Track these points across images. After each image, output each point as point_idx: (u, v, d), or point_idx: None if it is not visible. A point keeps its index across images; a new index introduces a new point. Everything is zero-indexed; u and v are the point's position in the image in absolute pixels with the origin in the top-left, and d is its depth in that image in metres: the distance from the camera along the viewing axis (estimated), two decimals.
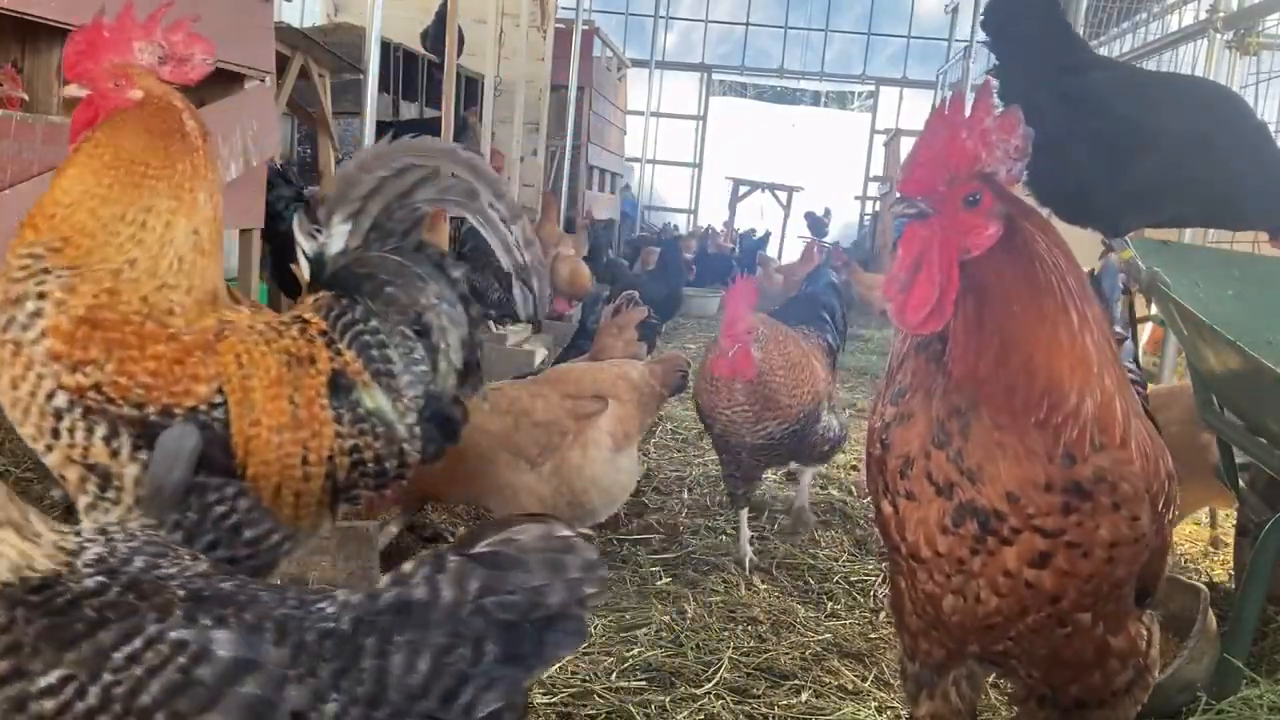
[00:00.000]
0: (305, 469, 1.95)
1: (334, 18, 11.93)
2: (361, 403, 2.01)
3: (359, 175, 2.09)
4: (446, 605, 1.25)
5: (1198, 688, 2.52)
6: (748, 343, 3.41)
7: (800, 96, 26.40)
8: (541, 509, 3.23)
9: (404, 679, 1.22)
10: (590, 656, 2.73)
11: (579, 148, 14.14)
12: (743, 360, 3.41)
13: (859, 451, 5.31)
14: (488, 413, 3.24)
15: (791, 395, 3.52)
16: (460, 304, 2.17)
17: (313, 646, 1.23)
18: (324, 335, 2.04)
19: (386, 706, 1.22)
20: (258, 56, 5.37)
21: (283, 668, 1.20)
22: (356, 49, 7.47)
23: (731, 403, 3.48)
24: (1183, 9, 9.68)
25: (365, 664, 1.22)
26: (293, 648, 1.23)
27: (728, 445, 3.63)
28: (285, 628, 1.25)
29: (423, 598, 1.26)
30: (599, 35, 15.23)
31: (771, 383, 3.48)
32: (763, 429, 3.51)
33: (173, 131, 1.97)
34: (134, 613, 1.22)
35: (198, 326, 1.94)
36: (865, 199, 22.24)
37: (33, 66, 4.19)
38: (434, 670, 1.23)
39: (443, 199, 2.14)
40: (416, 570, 1.30)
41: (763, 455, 3.64)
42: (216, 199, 2.04)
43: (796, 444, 3.65)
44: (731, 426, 3.53)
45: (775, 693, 2.62)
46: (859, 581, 3.45)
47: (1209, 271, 3.58)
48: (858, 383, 7.69)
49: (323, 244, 2.12)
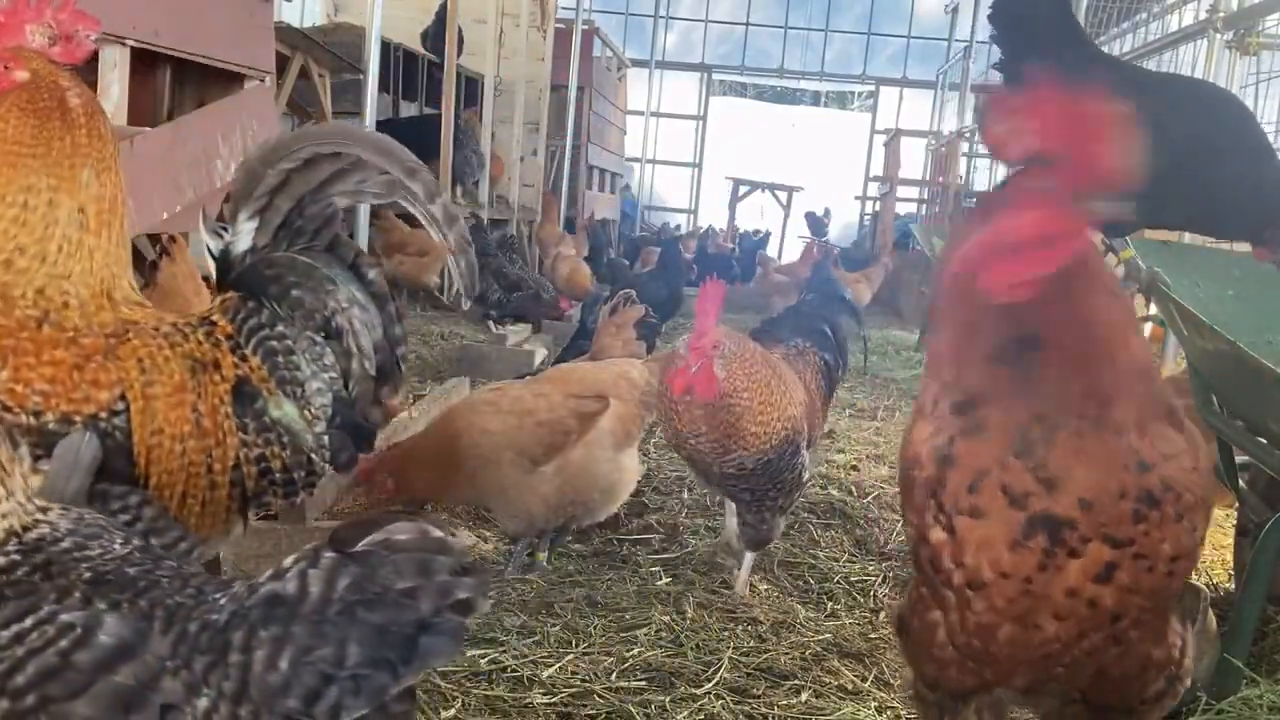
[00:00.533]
0: (210, 478, 1.89)
1: (334, 18, 11.92)
2: (267, 411, 1.94)
3: (261, 169, 1.99)
4: (313, 602, 1.21)
5: (1198, 688, 2.52)
6: (712, 359, 2.99)
7: (800, 96, 26.42)
8: (545, 508, 3.24)
9: (265, 676, 1.18)
10: (590, 656, 2.73)
11: (579, 148, 14.15)
12: (705, 379, 2.98)
13: (859, 451, 5.31)
14: (491, 413, 3.25)
15: (759, 422, 3.07)
16: (374, 305, 2.07)
17: (192, 638, 1.21)
18: (230, 340, 1.96)
19: (248, 704, 1.18)
20: (258, 56, 5.37)
21: (162, 659, 1.18)
22: (356, 49, 7.48)
23: (694, 430, 3.07)
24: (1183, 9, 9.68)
25: (232, 658, 1.19)
26: (175, 637, 1.20)
27: (699, 471, 3.31)
28: (174, 616, 1.22)
29: (291, 593, 1.22)
30: (599, 35, 15.24)
31: (735, 407, 3.04)
32: (733, 459, 3.10)
33: (53, 110, 1.88)
34: (32, 592, 1.22)
35: (96, 323, 1.85)
36: (865, 199, 22.24)
37: None
38: (295, 669, 1.18)
39: (360, 192, 2.04)
40: (294, 564, 1.26)
41: (734, 488, 3.24)
42: (110, 178, 1.93)
43: (770, 481, 3.18)
44: (697, 455, 3.13)
45: (775, 693, 2.62)
46: (859, 581, 3.45)
47: (1209, 271, 3.58)
48: (857, 383, 7.69)
49: (228, 242, 2.03)
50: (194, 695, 1.18)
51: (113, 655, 1.18)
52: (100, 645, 1.18)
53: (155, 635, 1.20)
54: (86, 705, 1.15)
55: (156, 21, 4.35)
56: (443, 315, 8.43)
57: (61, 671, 1.16)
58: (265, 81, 5.48)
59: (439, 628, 1.22)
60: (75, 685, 1.16)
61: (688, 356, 2.99)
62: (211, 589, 1.29)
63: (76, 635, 1.18)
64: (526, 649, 2.71)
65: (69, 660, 1.17)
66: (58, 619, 1.19)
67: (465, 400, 3.46)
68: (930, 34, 24.48)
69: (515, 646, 2.71)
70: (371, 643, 1.19)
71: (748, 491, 3.20)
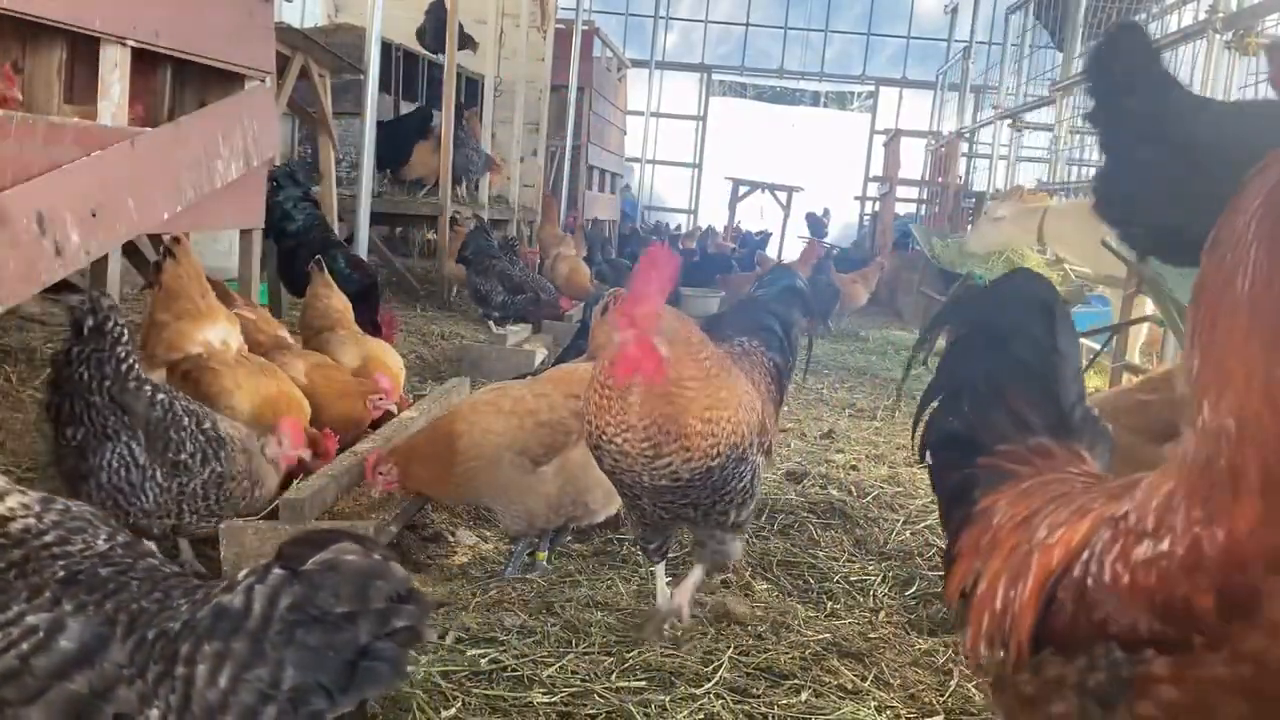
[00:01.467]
0: None
1: (334, 18, 11.93)
2: None
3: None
4: (255, 620, 1.18)
5: None
6: (652, 334, 2.41)
7: (800, 97, 26.42)
8: (546, 508, 3.24)
9: (205, 691, 1.15)
10: (590, 656, 2.73)
11: (579, 148, 14.15)
12: (645, 355, 2.39)
13: (859, 451, 5.31)
14: (493, 413, 3.25)
15: (706, 420, 2.52)
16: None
17: (148, 646, 1.18)
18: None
19: (190, 717, 1.16)
20: (258, 57, 5.37)
21: (120, 666, 1.16)
22: (357, 49, 7.48)
23: (623, 424, 2.49)
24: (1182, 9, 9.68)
25: (178, 670, 1.16)
26: (134, 645, 1.18)
27: (622, 485, 2.67)
28: (135, 622, 1.20)
29: (236, 608, 1.19)
30: (599, 35, 15.25)
31: (678, 398, 2.48)
32: (665, 466, 2.52)
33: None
34: (5, 590, 1.20)
35: None
36: (865, 199, 22.25)
37: (33, 66, 4.19)
38: (232, 686, 1.15)
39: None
40: (244, 578, 1.22)
41: (670, 506, 2.67)
42: None
43: (714, 494, 2.63)
44: (623, 460, 2.54)
45: (775, 692, 2.62)
46: (859, 581, 3.45)
47: None
48: (857, 383, 7.70)
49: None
50: (146, 705, 1.16)
51: (70, 662, 1.16)
52: (59, 651, 1.16)
53: (115, 642, 1.18)
54: (40, 712, 1.14)
55: (157, 22, 4.36)
56: (443, 315, 8.43)
57: (19, 675, 1.15)
58: (265, 82, 5.48)
59: (378, 655, 1.18)
60: (30, 691, 1.14)
61: (620, 332, 2.41)
62: (179, 593, 1.25)
63: (38, 639, 1.16)
64: (526, 649, 2.71)
65: (28, 664, 1.15)
66: (24, 620, 1.18)
67: (467, 400, 3.46)
68: (930, 34, 24.51)
69: (515, 646, 2.71)
70: (308, 666, 1.15)
71: (690, 508, 2.68)
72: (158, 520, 2.89)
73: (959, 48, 20.34)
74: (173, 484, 2.87)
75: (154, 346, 3.57)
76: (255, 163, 5.34)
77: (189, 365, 3.54)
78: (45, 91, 4.18)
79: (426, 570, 3.41)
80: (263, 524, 3.02)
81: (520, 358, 6.40)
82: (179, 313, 3.63)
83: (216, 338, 3.65)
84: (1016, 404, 1.83)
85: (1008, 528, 1.66)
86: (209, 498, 2.94)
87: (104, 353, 2.79)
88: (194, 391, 3.39)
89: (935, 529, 4.03)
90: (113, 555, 1.31)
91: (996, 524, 1.69)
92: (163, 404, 2.88)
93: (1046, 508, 1.61)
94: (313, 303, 5.01)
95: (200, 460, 2.90)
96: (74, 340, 2.77)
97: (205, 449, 2.92)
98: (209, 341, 3.63)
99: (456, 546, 3.65)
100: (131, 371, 2.84)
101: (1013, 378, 1.85)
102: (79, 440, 2.78)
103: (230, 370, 3.54)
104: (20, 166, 3.56)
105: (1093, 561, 1.40)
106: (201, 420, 2.96)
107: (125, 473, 2.81)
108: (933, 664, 2.84)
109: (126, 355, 2.84)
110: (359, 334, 4.82)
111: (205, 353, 3.59)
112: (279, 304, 6.95)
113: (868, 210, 21.40)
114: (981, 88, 18.72)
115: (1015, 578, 1.57)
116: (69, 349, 2.77)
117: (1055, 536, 1.53)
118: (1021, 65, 13.26)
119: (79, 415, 2.78)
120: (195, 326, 3.63)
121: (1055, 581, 1.47)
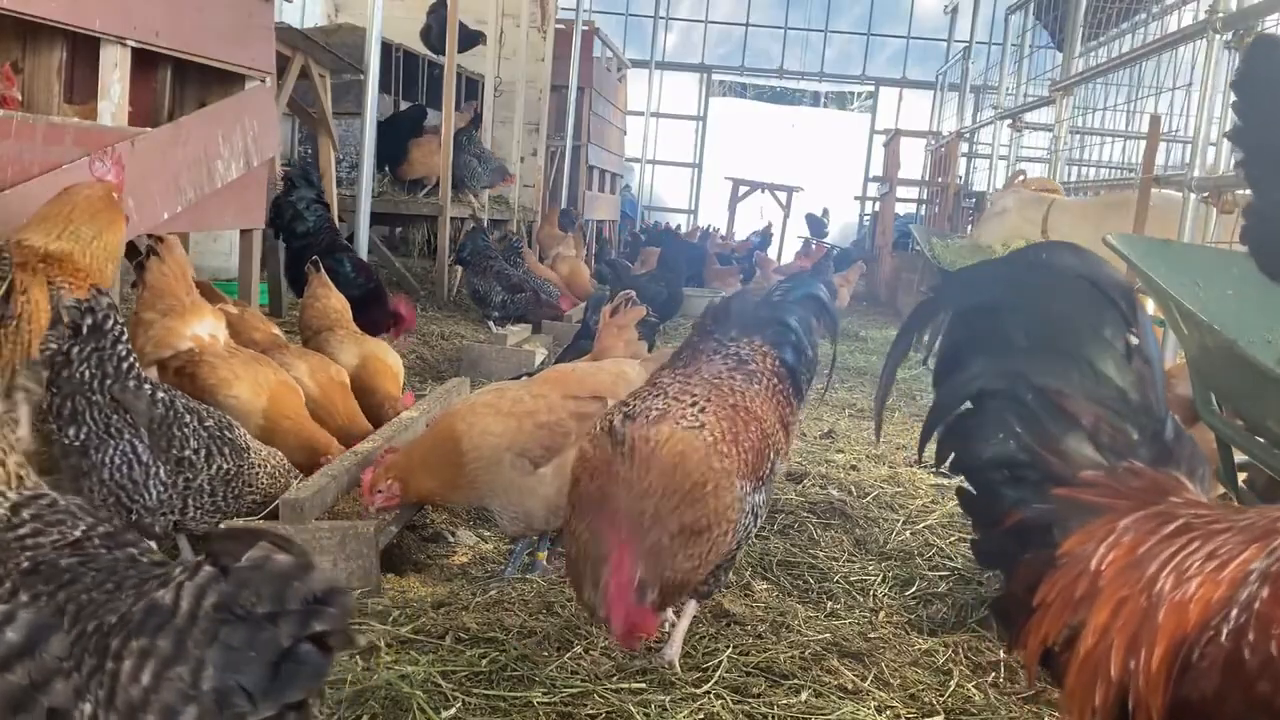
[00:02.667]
0: None
1: (334, 18, 11.94)
2: None
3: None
4: (181, 617, 1.14)
5: None
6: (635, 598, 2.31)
7: (800, 97, 26.42)
8: (545, 510, 3.24)
9: (128, 687, 1.13)
10: (590, 656, 2.73)
11: (579, 148, 14.15)
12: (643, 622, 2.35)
13: (859, 451, 5.31)
14: (491, 415, 3.25)
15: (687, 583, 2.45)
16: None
17: (86, 639, 1.17)
18: None
19: (114, 714, 1.14)
20: (258, 57, 5.38)
21: (58, 659, 1.15)
22: (357, 50, 7.48)
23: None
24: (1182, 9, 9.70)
25: (107, 665, 1.15)
26: (75, 637, 1.16)
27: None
28: (81, 614, 1.18)
29: (166, 604, 1.16)
30: (599, 35, 15.24)
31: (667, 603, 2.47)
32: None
33: None
34: None
35: None
36: (865, 199, 22.25)
37: (33, 66, 4.20)
38: (154, 684, 1.13)
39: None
40: (179, 574, 1.19)
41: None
42: None
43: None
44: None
45: (775, 692, 2.62)
46: (858, 581, 3.45)
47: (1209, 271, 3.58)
48: (857, 383, 7.70)
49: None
50: (80, 699, 1.15)
51: (14, 653, 1.15)
52: (4, 642, 1.15)
53: (59, 633, 1.17)
54: None
55: (157, 22, 4.36)
56: (443, 315, 8.43)
57: None
58: (266, 82, 5.49)
59: (300, 658, 1.15)
60: None
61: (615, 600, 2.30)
62: (131, 584, 1.23)
63: None
64: (526, 649, 2.71)
65: None
66: None
67: (465, 402, 3.45)
68: (930, 34, 24.50)
69: (515, 646, 2.71)
70: (229, 666, 1.12)
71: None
72: (161, 517, 2.90)
73: (959, 48, 20.34)
74: (178, 479, 2.88)
75: (142, 345, 3.56)
76: (255, 163, 5.34)
77: (182, 361, 3.54)
78: (45, 91, 4.18)
79: (426, 570, 3.41)
80: (263, 524, 3.02)
81: (520, 358, 6.40)
82: (165, 310, 3.63)
83: (205, 332, 3.65)
84: (1093, 421, 1.52)
85: (1109, 575, 1.43)
86: (216, 494, 2.95)
87: (104, 351, 2.79)
88: (190, 386, 3.39)
89: (935, 529, 4.03)
90: (84, 546, 1.29)
91: (1094, 570, 1.45)
92: (164, 401, 2.89)
93: (1161, 551, 1.40)
94: (311, 303, 5.01)
95: (204, 456, 2.91)
96: (73, 339, 2.77)
97: (209, 445, 2.93)
98: (199, 336, 3.62)
99: (456, 546, 3.65)
100: (132, 370, 2.85)
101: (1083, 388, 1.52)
102: (81, 439, 2.78)
103: (225, 361, 3.55)
104: (20, 166, 3.56)
105: (1247, 624, 1.21)
106: (204, 418, 2.97)
107: (128, 470, 2.82)
108: (933, 664, 2.84)
109: (127, 354, 2.85)
110: (358, 334, 4.82)
111: (196, 347, 3.58)
112: (279, 304, 6.95)
113: (867, 210, 21.40)
114: (981, 88, 18.72)
115: (1134, 640, 1.35)
116: (69, 348, 2.77)
117: (1186, 590, 1.32)
118: (1021, 65, 13.26)
119: (80, 414, 2.78)
120: (183, 323, 3.62)
121: (1192, 646, 1.28)
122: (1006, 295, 1.64)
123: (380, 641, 2.67)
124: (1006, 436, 1.58)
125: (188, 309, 3.66)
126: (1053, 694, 2.74)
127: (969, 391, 1.63)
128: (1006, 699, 2.69)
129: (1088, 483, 1.49)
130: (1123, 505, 1.47)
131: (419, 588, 3.19)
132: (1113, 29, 11.08)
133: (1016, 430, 1.56)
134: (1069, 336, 1.55)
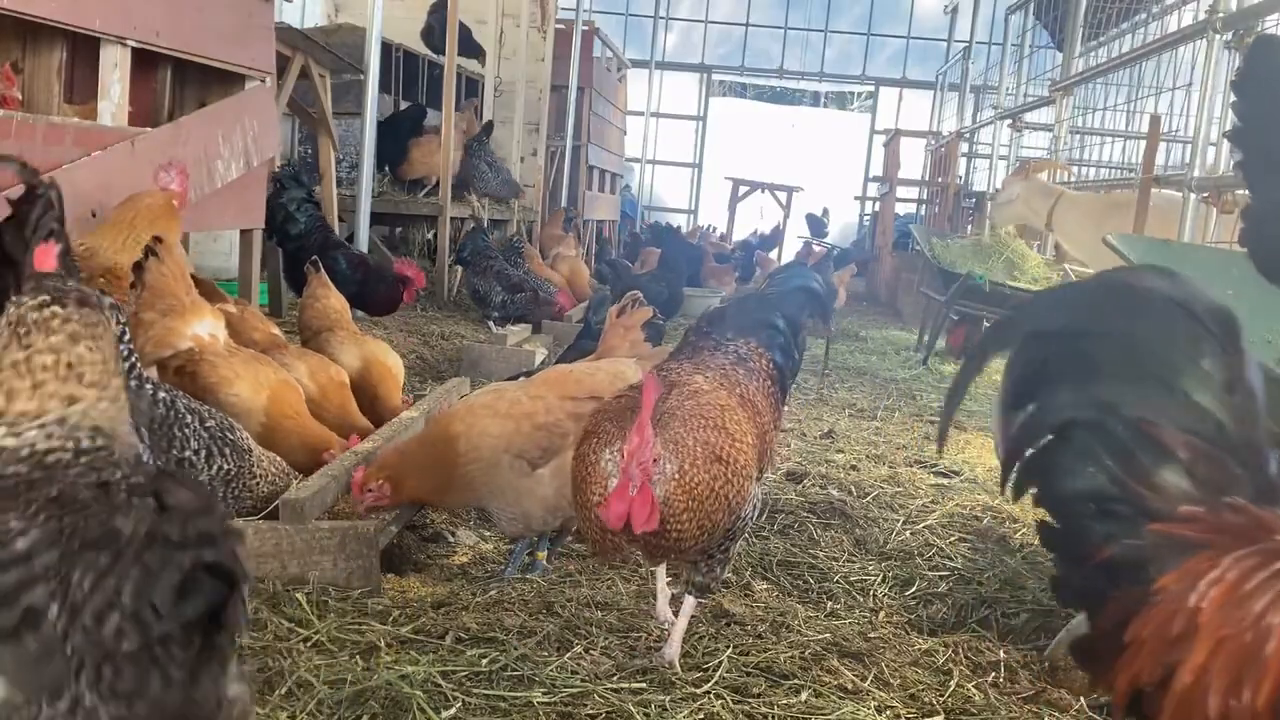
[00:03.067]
0: None
1: (334, 18, 11.93)
2: None
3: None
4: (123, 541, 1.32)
5: None
6: (650, 477, 2.35)
7: (800, 97, 26.42)
8: (543, 510, 3.24)
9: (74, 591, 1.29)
10: (590, 656, 2.73)
11: (579, 148, 14.15)
12: (643, 507, 2.35)
13: (859, 451, 5.32)
14: (489, 416, 3.25)
15: (701, 527, 2.46)
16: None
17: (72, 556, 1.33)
18: None
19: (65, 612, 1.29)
20: (258, 57, 5.38)
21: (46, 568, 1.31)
22: (357, 50, 7.49)
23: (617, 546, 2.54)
24: (1182, 9, 9.69)
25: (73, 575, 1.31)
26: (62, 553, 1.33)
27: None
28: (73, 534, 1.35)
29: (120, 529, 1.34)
30: (599, 35, 15.24)
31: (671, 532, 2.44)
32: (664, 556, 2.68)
33: None
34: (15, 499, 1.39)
35: None
36: (865, 199, 22.25)
37: (33, 66, 4.20)
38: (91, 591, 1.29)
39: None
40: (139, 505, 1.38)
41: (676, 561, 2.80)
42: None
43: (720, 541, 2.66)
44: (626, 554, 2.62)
45: (774, 692, 2.62)
46: (858, 581, 3.45)
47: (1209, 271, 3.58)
48: (857, 383, 7.70)
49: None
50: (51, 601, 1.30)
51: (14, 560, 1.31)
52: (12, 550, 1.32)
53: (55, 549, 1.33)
54: None
55: (157, 22, 4.36)
56: (443, 315, 8.43)
57: None
58: (266, 82, 5.49)
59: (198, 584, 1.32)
60: None
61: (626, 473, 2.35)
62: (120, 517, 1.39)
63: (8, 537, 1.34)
64: (527, 649, 2.71)
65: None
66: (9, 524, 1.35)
67: (463, 403, 3.45)
68: (930, 34, 24.50)
69: (515, 646, 2.71)
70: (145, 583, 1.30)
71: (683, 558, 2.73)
72: None
73: (959, 48, 20.34)
74: None
75: (142, 344, 3.56)
76: (255, 163, 5.34)
77: (182, 360, 3.53)
78: (45, 91, 4.18)
79: (426, 570, 3.41)
80: (263, 524, 3.02)
81: (520, 357, 6.40)
82: (165, 310, 3.62)
83: (205, 332, 3.65)
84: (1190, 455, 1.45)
85: (1210, 612, 1.39)
86: (216, 494, 2.95)
87: None
88: (191, 385, 3.39)
89: (935, 529, 4.03)
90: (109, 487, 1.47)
91: (1192, 607, 1.40)
92: (164, 402, 2.89)
93: (1268, 589, 1.35)
94: (310, 303, 5.00)
95: (205, 457, 2.91)
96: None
97: (210, 446, 2.93)
98: (199, 336, 3.62)
99: (456, 546, 3.65)
100: (134, 370, 2.85)
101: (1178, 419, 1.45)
102: None
103: (226, 360, 3.55)
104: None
105: None
106: (205, 418, 2.97)
107: None
108: (933, 664, 2.84)
109: (129, 354, 2.84)
110: (357, 334, 4.82)
111: (197, 347, 3.58)
112: (279, 303, 6.95)
113: (867, 210, 21.40)
114: (981, 88, 18.71)
115: (1237, 678, 1.32)
116: None
117: None
118: (1021, 65, 13.25)
119: None
120: (183, 322, 3.61)
121: None
122: (1090, 320, 1.56)
123: (380, 641, 2.67)
124: (1096, 469, 1.51)
125: (187, 309, 3.66)
126: (1053, 694, 2.74)
127: (1055, 422, 1.55)
128: (1006, 699, 2.69)
129: (1186, 518, 1.44)
130: (1224, 542, 1.41)
131: (419, 588, 3.19)
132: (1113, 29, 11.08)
133: (1107, 463, 1.50)
134: (1161, 365, 1.49)
